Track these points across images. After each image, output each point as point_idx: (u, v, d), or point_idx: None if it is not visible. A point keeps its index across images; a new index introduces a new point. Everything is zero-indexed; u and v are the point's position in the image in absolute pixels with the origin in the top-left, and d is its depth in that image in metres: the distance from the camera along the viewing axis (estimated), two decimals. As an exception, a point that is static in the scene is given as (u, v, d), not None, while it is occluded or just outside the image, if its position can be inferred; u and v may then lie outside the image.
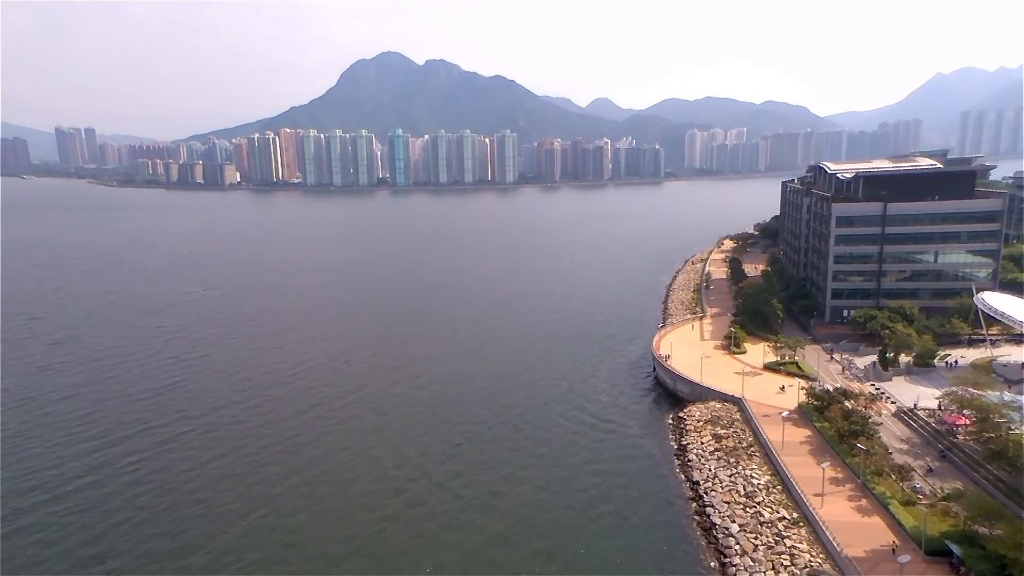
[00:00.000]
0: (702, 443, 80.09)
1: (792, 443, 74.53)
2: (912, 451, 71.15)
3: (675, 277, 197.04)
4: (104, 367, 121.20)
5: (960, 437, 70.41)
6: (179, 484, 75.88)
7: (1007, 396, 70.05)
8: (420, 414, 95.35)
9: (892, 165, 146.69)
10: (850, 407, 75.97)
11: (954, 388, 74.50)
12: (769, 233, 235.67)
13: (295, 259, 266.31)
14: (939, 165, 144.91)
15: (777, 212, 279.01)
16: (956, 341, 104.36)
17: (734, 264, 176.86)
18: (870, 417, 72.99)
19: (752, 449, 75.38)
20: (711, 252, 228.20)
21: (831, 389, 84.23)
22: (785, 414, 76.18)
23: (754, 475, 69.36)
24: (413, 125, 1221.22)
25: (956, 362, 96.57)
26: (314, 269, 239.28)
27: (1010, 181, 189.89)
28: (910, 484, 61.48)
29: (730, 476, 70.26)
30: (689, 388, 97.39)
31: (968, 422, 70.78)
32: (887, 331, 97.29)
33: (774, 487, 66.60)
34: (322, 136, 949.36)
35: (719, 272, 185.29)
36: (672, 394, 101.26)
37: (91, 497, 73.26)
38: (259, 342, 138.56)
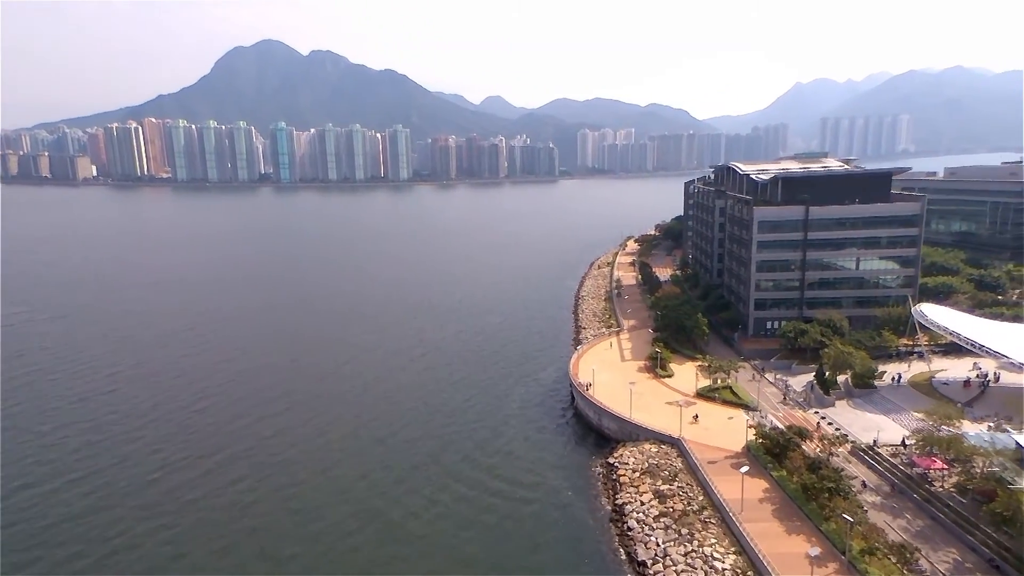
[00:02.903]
0: (642, 503, 65.50)
1: (751, 502, 61.55)
2: (886, 505, 60.37)
3: (583, 283, 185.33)
4: None
5: (938, 485, 60.47)
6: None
7: (986, 434, 61.16)
8: (280, 493, 73.41)
9: (801, 166, 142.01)
10: (812, 454, 64.42)
11: (921, 420, 65.03)
12: (672, 234, 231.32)
13: (156, 268, 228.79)
14: (849, 166, 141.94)
15: (675, 211, 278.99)
16: (887, 355, 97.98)
17: (644, 270, 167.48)
18: (843, 470, 61.48)
19: (706, 513, 61.58)
20: (616, 254, 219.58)
21: (782, 428, 72.77)
22: (745, 469, 62.83)
23: (715, 554, 55.35)
24: (298, 118, 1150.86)
25: (899, 377, 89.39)
26: (177, 281, 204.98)
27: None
28: (908, 564, 49.61)
29: (685, 556, 55.85)
30: (617, 425, 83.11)
31: (943, 465, 61.14)
32: (826, 349, 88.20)
33: (744, 574, 52.82)
34: (194, 127, 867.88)
35: (628, 277, 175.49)
36: (596, 430, 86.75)
37: None
38: (88, 382, 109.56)
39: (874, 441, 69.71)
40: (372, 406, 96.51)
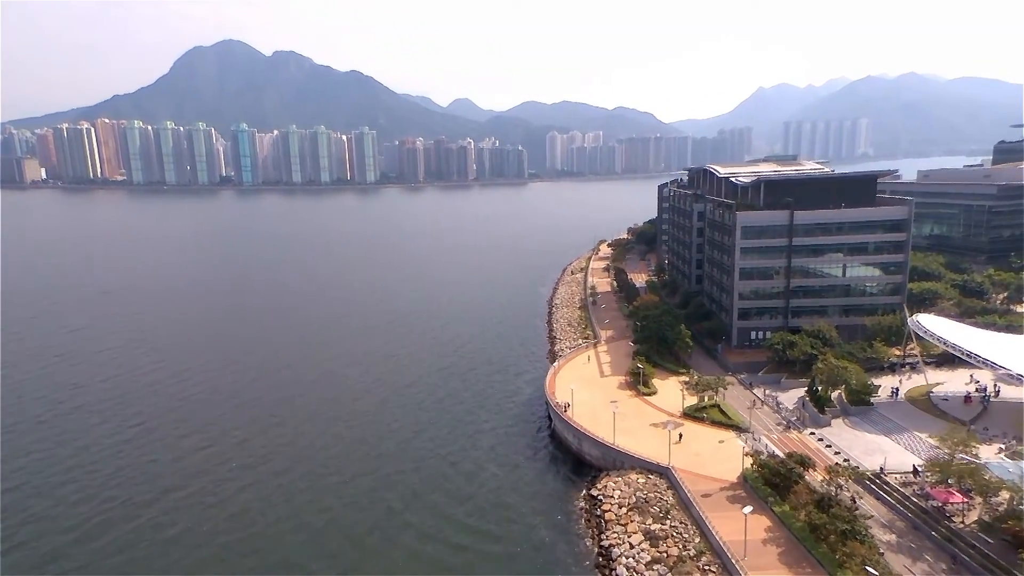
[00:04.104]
0: (632, 546, 58.35)
1: (753, 543, 54.87)
2: (903, 545, 54.30)
3: (555, 289, 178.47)
4: None
5: (958, 520, 54.68)
6: None
7: (1009, 463, 55.65)
8: (211, 558, 64.22)
9: (780, 169, 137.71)
10: (820, 488, 58.13)
11: (935, 448, 59.36)
12: (645, 238, 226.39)
13: (102, 276, 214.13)
14: (825, 168, 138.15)
15: (646, 214, 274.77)
16: (878, 367, 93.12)
17: (620, 276, 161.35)
18: (856, 508, 55.18)
19: (705, 559, 54.67)
20: (589, 259, 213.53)
21: (781, 455, 66.52)
22: (748, 510, 55.73)
23: (720, 611, 48.47)
24: (261, 120, 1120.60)
25: (897, 392, 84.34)
26: (125, 290, 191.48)
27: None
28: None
29: (686, 614, 48.84)
30: (599, 451, 75.96)
31: (963, 498, 55.42)
32: (818, 364, 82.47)
33: (755, 637, 46.00)
34: (150, 128, 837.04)
35: (603, 283, 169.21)
36: (576, 456, 79.57)
37: None
38: (7, 413, 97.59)
39: (881, 468, 63.83)
40: (332, 440, 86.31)
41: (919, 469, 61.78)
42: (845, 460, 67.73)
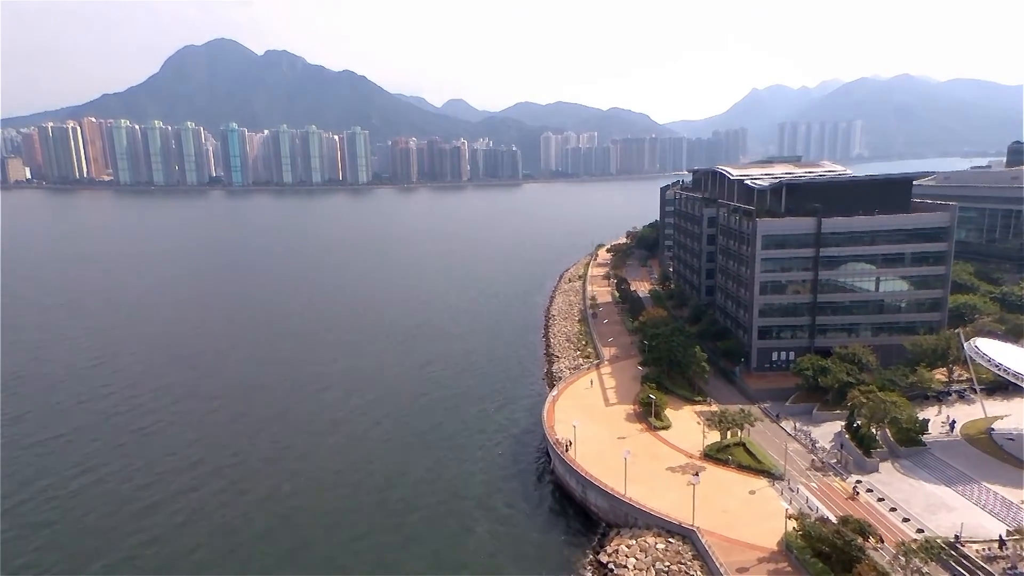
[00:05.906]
0: (654, 639, 46.79)
1: (809, 644, 43.42)
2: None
3: (552, 299, 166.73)
4: None
5: (1070, 618, 43.36)
6: None
7: None
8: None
9: (796, 170, 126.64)
10: (891, 568, 46.61)
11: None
12: (646, 243, 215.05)
13: (70, 284, 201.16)
14: (846, 170, 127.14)
15: (643, 216, 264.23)
16: (922, 396, 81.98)
17: (622, 286, 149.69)
18: (948, 607, 43.78)
19: (750, 667, 43.17)
20: (587, 265, 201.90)
21: (832, 519, 54.98)
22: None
23: None
24: (253, 119, 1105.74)
25: (953, 426, 73.27)
26: (94, 300, 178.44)
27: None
28: None
29: None
30: (608, 503, 64.34)
31: (1072, 587, 44.11)
32: (863, 399, 70.88)
33: None
34: (137, 127, 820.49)
35: (603, 293, 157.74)
36: (580, 506, 67.99)
37: None
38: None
39: (956, 536, 52.36)
40: (302, 486, 73.61)
41: (1006, 540, 50.42)
42: (905, 519, 56.40)
